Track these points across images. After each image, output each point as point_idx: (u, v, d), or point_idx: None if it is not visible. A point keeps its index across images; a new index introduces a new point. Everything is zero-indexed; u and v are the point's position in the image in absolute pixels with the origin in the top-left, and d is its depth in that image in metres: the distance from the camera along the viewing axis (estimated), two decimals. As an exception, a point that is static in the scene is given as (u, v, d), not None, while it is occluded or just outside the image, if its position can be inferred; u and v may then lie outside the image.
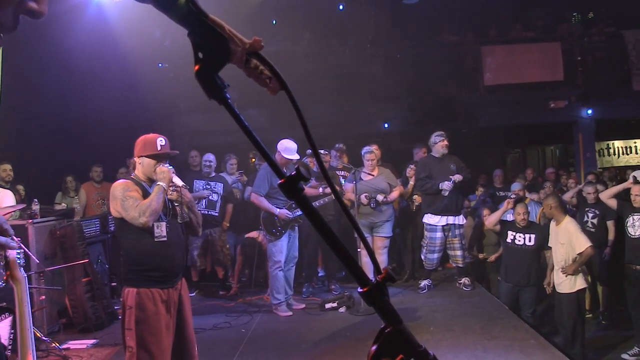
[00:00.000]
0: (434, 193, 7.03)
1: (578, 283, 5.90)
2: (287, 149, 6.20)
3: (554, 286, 6.20)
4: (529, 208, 6.82)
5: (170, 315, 3.33)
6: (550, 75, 11.08)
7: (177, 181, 3.45)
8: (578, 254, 5.80)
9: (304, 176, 0.85)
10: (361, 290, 0.87)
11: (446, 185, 6.89)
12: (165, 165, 3.45)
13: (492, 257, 7.56)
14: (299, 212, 6.36)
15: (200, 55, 0.85)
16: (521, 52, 11.29)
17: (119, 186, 3.35)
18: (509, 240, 6.53)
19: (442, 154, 7.13)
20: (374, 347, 0.88)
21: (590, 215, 7.01)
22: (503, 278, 6.70)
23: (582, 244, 5.75)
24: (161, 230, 3.35)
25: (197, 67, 0.85)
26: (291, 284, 6.67)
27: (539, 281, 6.52)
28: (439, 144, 7.10)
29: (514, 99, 11.13)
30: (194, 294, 7.49)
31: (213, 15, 0.87)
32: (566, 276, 5.89)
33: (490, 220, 6.85)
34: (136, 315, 3.18)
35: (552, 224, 6.19)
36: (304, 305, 6.72)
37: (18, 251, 2.20)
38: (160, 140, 3.46)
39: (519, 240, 6.45)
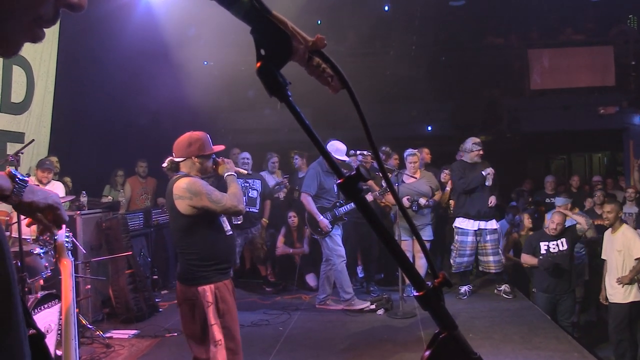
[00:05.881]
0: (478, 185, 6.86)
1: (632, 294, 5.68)
2: (338, 150, 6.19)
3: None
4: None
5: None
6: (601, 80, 10.75)
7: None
8: (636, 259, 5.59)
9: (363, 176, 0.84)
10: (417, 294, 0.85)
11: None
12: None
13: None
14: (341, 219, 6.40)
15: (263, 52, 0.85)
16: (570, 56, 11.00)
17: (196, 182, 3.27)
18: (543, 251, 6.37)
19: (474, 161, 7.01)
20: (427, 352, 0.86)
21: None
22: (541, 289, 6.52)
23: None
24: (226, 224, 3.48)
25: (259, 64, 0.84)
26: (331, 284, 6.67)
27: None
28: (474, 152, 6.96)
29: (561, 103, 10.82)
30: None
31: (276, 12, 0.86)
32: (622, 286, 5.68)
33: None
34: (220, 308, 3.27)
35: (607, 232, 6.00)
36: (342, 306, 6.70)
37: (67, 234, 2.26)
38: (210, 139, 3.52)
39: (554, 248, 6.32)
